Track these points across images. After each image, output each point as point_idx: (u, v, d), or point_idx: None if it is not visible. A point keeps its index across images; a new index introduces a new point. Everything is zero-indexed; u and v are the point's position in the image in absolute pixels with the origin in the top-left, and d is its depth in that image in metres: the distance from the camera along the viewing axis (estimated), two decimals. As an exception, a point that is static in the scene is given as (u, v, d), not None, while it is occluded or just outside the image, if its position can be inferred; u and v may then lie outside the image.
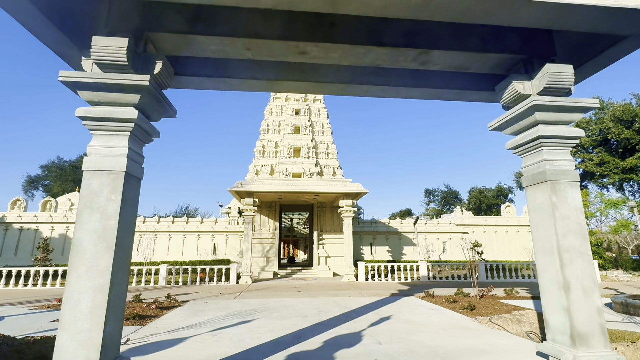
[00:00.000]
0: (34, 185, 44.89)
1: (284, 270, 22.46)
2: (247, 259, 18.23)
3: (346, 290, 14.25)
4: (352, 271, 18.64)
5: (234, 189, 18.31)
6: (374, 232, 27.91)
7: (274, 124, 26.49)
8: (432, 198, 61.84)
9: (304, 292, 13.67)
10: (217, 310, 9.49)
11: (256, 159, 25.02)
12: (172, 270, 17.15)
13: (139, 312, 8.80)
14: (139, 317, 8.29)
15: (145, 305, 9.73)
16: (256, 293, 13.57)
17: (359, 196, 19.83)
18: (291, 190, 18.77)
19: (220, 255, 25.89)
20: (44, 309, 9.97)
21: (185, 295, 13.07)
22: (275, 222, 23.52)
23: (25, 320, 8.39)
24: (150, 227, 25.38)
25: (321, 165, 25.14)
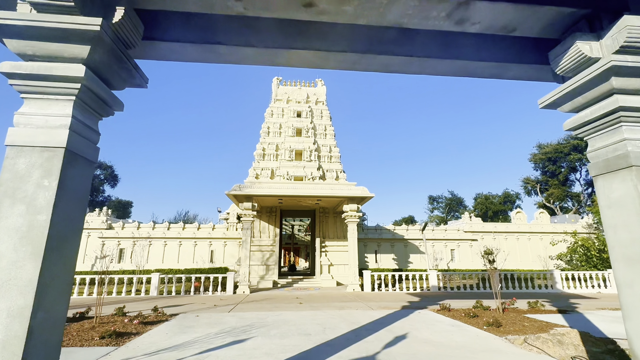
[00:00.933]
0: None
1: (285, 279, 21.29)
2: (245, 267, 17.11)
3: (352, 302, 13.10)
4: (357, 280, 17.47)
5: (232, 193, 17.28)
6: (379, 239, 26.73)
7: (275, 127, 25.58)
8: (435, 205, 60.64)
9: (306, 304, 12.52)
10: (209, 327, 8.37)
11: (256, 162, 24.05)
12: (165, 279, 16.04)
13: (118, 329, 7.70)
14: (116, 335, 7.19)
15: (127, 320, 8.63)
16: (254, 305, 12.43)
17: (364, 201, 18.76)
18: (292, 194, 17.73)
19: (217, 263, 24.73)
20: None
21: (176, 307, 11.94)
22: (276, 229, 22.43)
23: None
24: (144, 233, 24.30)
25: (324, 169, 24.14)
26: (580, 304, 13.36)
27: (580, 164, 38.07)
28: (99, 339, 6.90)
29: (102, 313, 10.44)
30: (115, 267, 23.08)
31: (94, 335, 7.19)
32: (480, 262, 26.62)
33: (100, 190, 49.57)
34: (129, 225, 24.88)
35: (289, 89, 27.62)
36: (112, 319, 9.36)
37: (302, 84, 28.02)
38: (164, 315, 9.85)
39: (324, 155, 24.84)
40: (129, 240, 23.88)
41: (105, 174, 49.35)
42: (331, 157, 24.94)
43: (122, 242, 24.14)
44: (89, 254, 23.57)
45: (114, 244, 24.03)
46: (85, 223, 24.41)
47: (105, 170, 49.20)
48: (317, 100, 27.46)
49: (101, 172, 48.92)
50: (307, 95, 27.45)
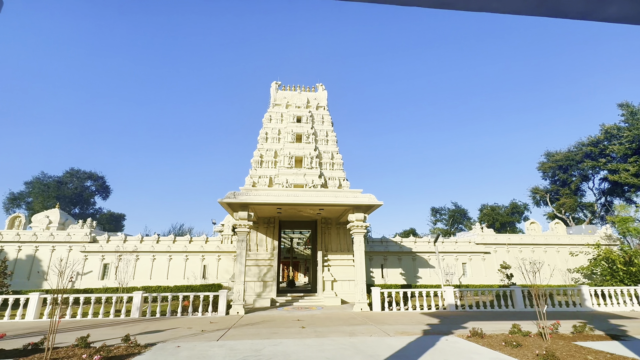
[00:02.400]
0: (16, 202, 41.97)
1: (284, 296, 19.35)
2: (239, 284, 15.25)
3: (362, 325, 11.26)
4: (365, 299, 15.62)
5: (226, 201, 15.59)
6: (385, 253, 24.90)
7: (274, 132, 24.10)
8: (439, 217, 58.83)
9: (309, 328, 10.69)
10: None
11: (253, 169, 22.45)
12: (149, 298, 14.14)
13: (68, 371, 5.90)
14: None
15: (86, 356, 6.81)
16: (248, 330, 10.58)
17: (371, 209, 17.09)
18: (293, 202, 16.05)
19: (211, 279, 22.76)
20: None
21: (155, 333, 10.08)
22: (274, 241, 20.63)
23: None
24: (131, 247, 22.38)
25: (325, 177, 22.55)
26: (625, 325, 11.57)
27: (593, 172, 36.49)
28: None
29: (63, 343, 8.60)
30: (97, 284, 21.10)
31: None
32: (495, 276, 24.79)
33: (91, 202, 47.60)
34: (115, 238, 22.99)
35: (289, 93, 26.31)
36: (71, 351, 7.53)
37: (302, 89, 26.74)
38: (137, 346, 8.01)
39: (325, 162, 23.29)
40: (114, 254, 21.97)
41: (96, 185, 47.51)
42: (333, 164, 23.39)
43: (106, 257, 22.19)
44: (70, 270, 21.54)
45: (97, 259, 22.08)
46: (67, 236, 22.52)
47: (96, 181, 47.38)
48: (317, 105, 26.12)
49: (92, 183, 47.08)
50: (308, 99, 26.12)
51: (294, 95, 26.16)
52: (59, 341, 8.45)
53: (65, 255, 21.85)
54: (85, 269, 21.89)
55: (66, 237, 22.41)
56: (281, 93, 26.26)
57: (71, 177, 44.25)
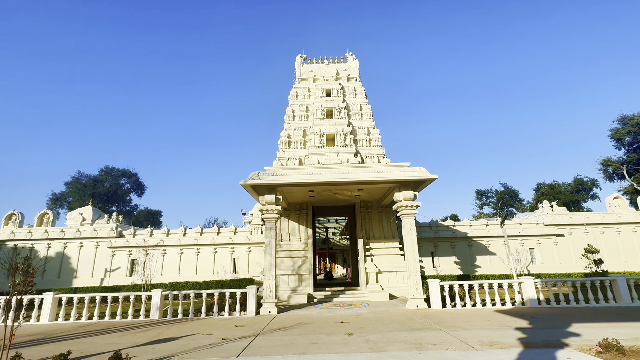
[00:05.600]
0: (58, 203, 43.36)
1: (322, 291, 17.02)
2: (270, 279, 13.06)
3: (428, 331, 8.55)
4: (421, 293, 12.82)
5: (249, 182, 13.38)
6: (436, 239, 21.78)
7: (301, 109, 21.64)
8: (485, 200, 53.79)
9: (358, 336, 8.17)
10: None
11: (281, 151, 20.18)
12: (170, 297, 12.34)
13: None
14: None
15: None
16: (280, 338, 8.25)
17: (422, 186, 14.16)
18: (327, 180, 13.52)
19: (241, 273, 20.99)
20: None
21: (166, 343, 8.05)
22: (308, 229, 18.29)
23: None
24: (157, 241, 21.12)
25: (362, 155, 19.77)
26: None
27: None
28: None
29: (38, 357, 6.75)
30: (125, 280, 20.08)
31: None
32: (571, 262, 20.88)
33: (127, 199, 48.31)
34: (141, 233, 21.88)
35: (315, 66, 23.65)
36: (43, 376, 5.57)
37: (330, 60, 23.96)
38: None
39: (361, 139, 20.48)
40: (141, 249, 20.80)
41: (130, 182, 48.07)
42: (370, 141, 20.52)
43: (133, 252, 21.13)
44: (98, 266, 20.79)
45: (124, 255, 21.08)
46: (93, 231, 21.71)
47: (130, 178, 47.90)
48: (348, 76, 23.26)
49: (126, 181, 47.68)
50: (337, 71, 23.33)
51: (321, 68, 23.47)
52: (54, 352, 6.62)
53: (92, 251, 21.06)
54: (113, 265, 20.97)
55: (92, 233, 21.61)
56: (307, 67, 23.67)
57: (106, 175, 45.08)
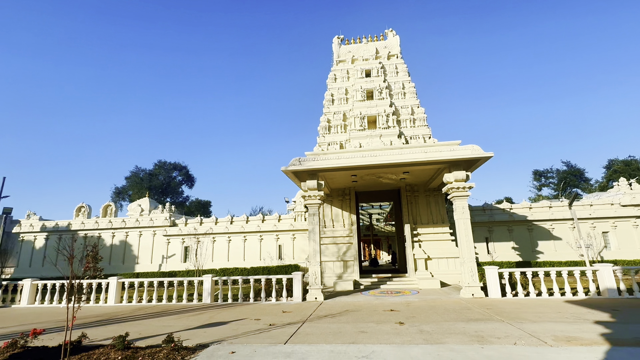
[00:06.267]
0: (120, 196, 47.50)
1: (368, 278, 16.61)
2: (315, 265, 12.92)
3: (489, 322, 7.78)
4: (477, 281, 11.87)
5: (290, 168, 13.21)
6: (490, 223, 20.23)
7: (340, 92, 20.97)
8: (544, 181, 49.20)
9: (410, 325, 7.66)
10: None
11: (321, 137, 19.80)
12: (219, 282, 12.73)
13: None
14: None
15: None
16: (327, 325, 8.01)
17: (475, 165, 12.99)
18: (370, 163, 12.90)
19: (287, 259, 21.26)
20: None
21: (217, 327, 8.18)
22: (352, 215, 17.87)
23: None
24: (206, 229, 22.06)
25: (406, 136, 18.73)
26: None
27: None
28: None
29: (99, 339, 7.16)
30: (180, 267, 21.33)
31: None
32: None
33: (179, 191, 51.45)
34: (192, 221, 23.01)
35: (353, 46, 22.71)
36: (104, 356, 5.85)
37: (369, 39, 22.85)
38: (180, 350, 6.01)
39: (404, 119, 19.39)
40: (193, 237, 21.87)
41: (181, 174, 51.06)
42: (414, 121, 19.36)
43: (186, 240, 22.33)
44: (156, 253, 22.31)
45: (178, 242, 22.36)
46: (150, 220, 23.27)
47: (181, 170, 50.88)
48: (389, 54, 22.04)
49: (177, 174, 50.70)
50: (376, 49, 22.20)
51: (360, 48, 22.48)
52: (116, 332, 7.01)
53: (150, 239, 22.60)
54: (169, 252, 22.37)
55: (149, 222, 23.19)
56: (344, 48, 22.81)
57: (160, 168, 48.37)
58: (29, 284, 13.74)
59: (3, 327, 9.39)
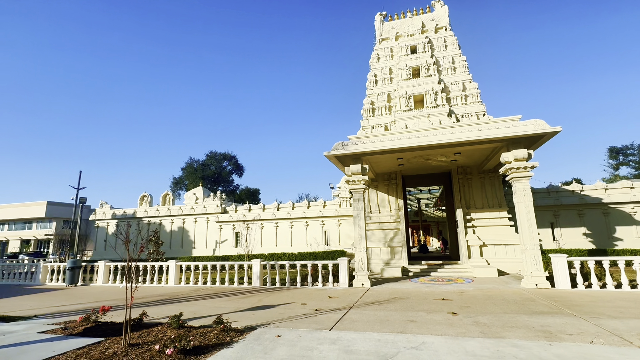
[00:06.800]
0: (178, 186, 51.19)
1: (417, 264, 15.99)
2: (361, 251, 12.66)
3: (557, 316, 6.96)
4: (541, 270, 10.76)
5: (333, 153, 12.93)
6: (556, 207, 18.27)
7: (383, 72, 20.03)
8: (622, 159, 43.31)
9: (464, 316, 7.12)
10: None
11: (364, 120, 19.17)
12: (267, 266, 13.07)
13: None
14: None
15: (159, 348, 5.16)
16: (374, 312, 7.76)
17: (538, 142, 11.62)
18: (417, 144, 12.14)
19: (333, 244, 21.27)
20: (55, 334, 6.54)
21: (265, 310, 8.35)
22: (398, 200, 17.21)
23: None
24: (254, 216, 22.79)
25: (457, 115, 17.40)
26: None
27: None
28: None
29: (158, 317, 7.63)
30: (232, 251, 22.40)
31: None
32: None
33: (230, 180, 53.99)
34: (241, 208, 23.93)
35: (397, 22, 21.45)
36: (161, 333, 6.21)
37: (414, 12, 21.39)
38: (229, 332, 6.17)
39: (454, 97, 17.99)
40: (243, 223, 22.76)
41: (230, 164, 53.43)
42: (466, 97, 17.87)
43: (236, 226, 23.33)
44: (210, 238, 23.66)
45: (229, 228, 23.45)
46: (203, 208, 24.65)
47: (230, 160, 53.22)
48: (436, 27, 20.46)
49: (227, 163, 53.10)
50: (422, 23, 20.73)
51: (404, 23, 21.15)
52: (172, 313, 7.47)
53: (204, 225, 23.98)
54: (221, 237, 23.57)
55: (203, 210, 24.59)
56: (388, 24, 21.63)
57: (211, 159, 51.12)
58: (102, 265, 15.31)
59: (82, 302, 10.54)
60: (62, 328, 6.94)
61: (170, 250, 23.87)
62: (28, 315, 8.56)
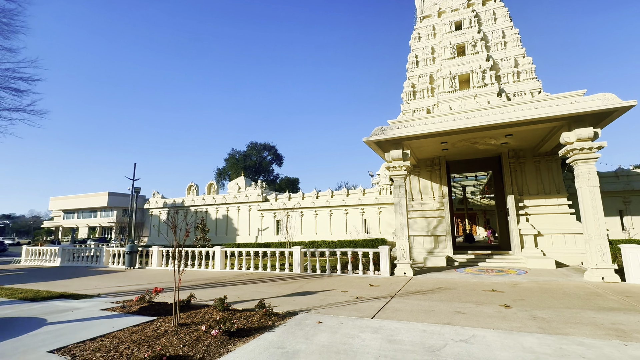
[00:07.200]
0: (222, 176, 53.49)
1: (463, 254, 15.22)
2: (402, 239, 12.25)
3: (629, 313, 6.19)
4: (608, 262, 9.66)
5: (372, 139, 12.52)
6: (626, 192, 16.33)
7: (425, 52, 18.96)
8: None
9: (517, 308, 6.59)
10: (326, 355, 4.08)
11: (405, 104, 18.37)
12: (308, 254, 13.17)
13: (175, 350, 4.39)
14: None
15: (205, 328, 5.34)
16: (417, 302, 7.45)
17: (606, 119, 10.30)
18: (464, 127, 11.34)
19: (373, 233, 20.93)
20: (116, 311, 7.07)
21: (306, 296, 8.39)
22: (442, 187, 16.40)
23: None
24: (294, 204, 23.07)
25: (508, 94, 16.03)
26: None
27: None
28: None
29: (205, 299, 7.95)
30: (273, 239, 22.95)
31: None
32: None
33: (270, 169, 55.27)
34: (281, 197, 24.35)
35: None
36: (207, 314, 6.46)
37: (459, -15, 19.83)
38: (271, 316, 6.25)
39: (505, 74, 16.55)
40: (283, 211, 23.16)
41: (270, 154, 54.59)
42: (518, 74, 16.36)
43: (277, 214, 23.82)
44: (252, 226, 24.44)
45: (270, 216, 24.01)
46: (245, 197, 25.45)
47: (270, 150, 54.36)
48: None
49: (267, 154, 54.32)
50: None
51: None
52: (217, 296, 7.78)
53: (246, 213, 24.79)
54: (263, 225, 24.23)
55: (245, 198, 25.40)
56: (429, 1, 20.33)
57: (252, 149, 52.62)
58: (156, 250, 16.42)
59: (138, 283, 11.38)
60: (121, 306, 7.50)
61: (216, 237, 25.08)
62: (93, 294, 9.39)
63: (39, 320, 6.46)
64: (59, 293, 9.48)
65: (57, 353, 4.61)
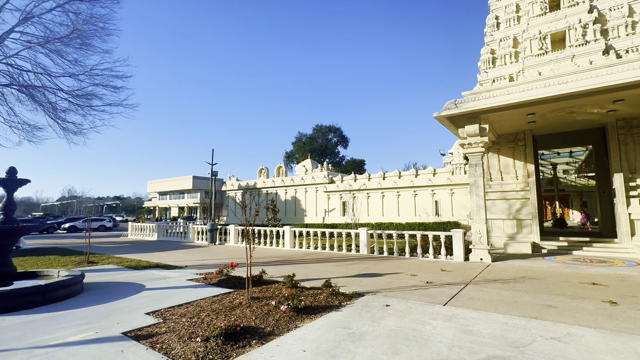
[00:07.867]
0: (290, 159, 55.49)
1: (553, 241, 13.44)
2: (479, 223, 11.22)
3: None
4: None
5: (444, 114, 11.50)
6: None
7: (508, 11, 16.60)
8: None
9: (627, 305, 5.55)
10: (393, 340, 3.93)
11: (482, 73, 16.48)
12: (374, 235, 12.96)
13: (248, 321, 4.68)
14: (236, 333, 4.13)
15: (275, 303, 5.57)
16: (497, 292, 6.77)
17: None
18: (560, 93, 9.68)
19: (445, 215, 19.68)
20: (198, 282, 7.85)
21: (373, 278, 8.28)
22: (527, 165, 14.53)
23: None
24: (360, 185, 22.77)
25: (617, 51, 13.23)
26: None
27: None
28: (201, 341, 4.00)
29: (275, 275, 8.33)
30: (339, 220, 23.14)
31: (207, 332, 4.42)
32: None
33: (336, 152, 55.46)
34: (347, 178, 24.25)
35: (527, -56, 17.14)
36: (277, 290, 6.76)
37: None
38: (337, 296, 6.27)
39: (614, 26, 13.65)
40: (349, 193, 23.12)
41: (335, 136, 54.60)
42: (633, 25, 13.35)
43: (343, 196, 23.86)
44: (319, 207, 24.92)
45: (336, 198, 24.16)
46: (311, 179, 25.94)
47: (335, 132, 54.34)
48: (587, -64, 15.54)
49: (332, 136, 54.42)
50: (565, -64, 16.04)
51: (538, -58, 16.75)
52: (286, 273, 8.17)
53: (313, 195, 25.34)
54: (329, 206, 24.55)
55: (311, 180, 25.93)
56: (514, -50, 17.52)
57: (317, 132, 53.28)
58: (232, 228, 17.83)
59: (217, 258, 12.50)
60: (203, 278, 8.30)
61: (285, 218, 26.31)
62: (181, 265, 10.59)
63: (139, 286, 7.49)
64: (155, 263, 10.91)
65: (152, 315, 5.26)
